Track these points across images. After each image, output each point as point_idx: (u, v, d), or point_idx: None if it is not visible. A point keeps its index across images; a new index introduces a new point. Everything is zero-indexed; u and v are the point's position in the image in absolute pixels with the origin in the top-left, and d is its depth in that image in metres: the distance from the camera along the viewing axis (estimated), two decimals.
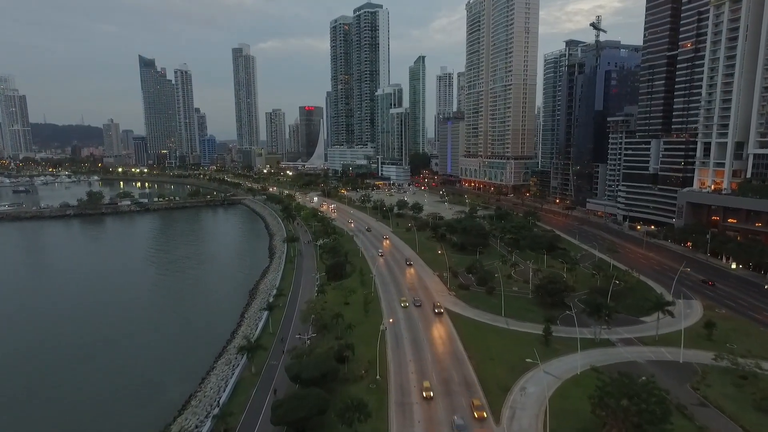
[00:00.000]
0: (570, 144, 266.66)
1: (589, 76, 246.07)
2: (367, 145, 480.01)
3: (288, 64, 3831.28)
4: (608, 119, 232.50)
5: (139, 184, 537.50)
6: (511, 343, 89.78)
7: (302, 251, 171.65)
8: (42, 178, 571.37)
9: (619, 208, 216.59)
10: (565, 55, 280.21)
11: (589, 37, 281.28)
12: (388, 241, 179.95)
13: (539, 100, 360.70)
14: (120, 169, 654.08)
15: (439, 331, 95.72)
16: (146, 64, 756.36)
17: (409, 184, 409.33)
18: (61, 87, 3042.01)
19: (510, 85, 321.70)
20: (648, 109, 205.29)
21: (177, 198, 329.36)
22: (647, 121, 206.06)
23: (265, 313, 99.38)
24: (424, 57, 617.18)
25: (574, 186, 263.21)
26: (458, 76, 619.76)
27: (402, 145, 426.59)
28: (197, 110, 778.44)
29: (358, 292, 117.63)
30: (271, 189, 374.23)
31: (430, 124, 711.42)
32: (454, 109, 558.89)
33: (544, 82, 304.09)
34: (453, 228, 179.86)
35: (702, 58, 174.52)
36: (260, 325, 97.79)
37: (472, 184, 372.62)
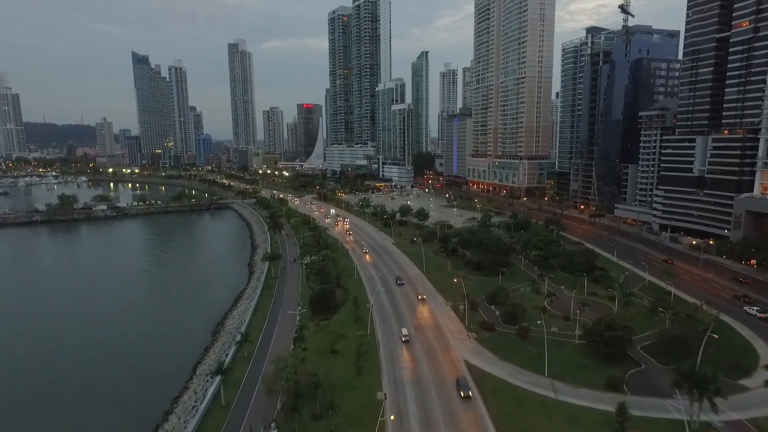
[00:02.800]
0: (593, 142, 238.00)
1: (617, 66, 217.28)
2: (367, 144, 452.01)
3: (290, 65, 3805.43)
4: (640, 114, 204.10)
5: (130, 185, 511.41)
6: (567, 428, 61.81)
7: (287, 269, 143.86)
8: (27, 179, 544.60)
9: (654, 215, 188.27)
10: (587, 43, 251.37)
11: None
12: (426, 310, 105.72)
13: (555, 93, 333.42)
14: (110, 170, 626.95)
15: (463, 405, 67.58)
16: (139, 61, 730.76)
17: (412, 186, 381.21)
18: (62, 87, 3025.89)
19: (523, 77, 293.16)
20: (691, 101, 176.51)
21: (159, 202, 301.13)
22: (690, 115, 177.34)
23: (216, 379, 71.08)
24: (427, 52, 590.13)
25: (598, 189, 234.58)
26: (463, 72, 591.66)
27: (405, 144, 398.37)
28: (193, 108, 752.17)
29: (350, 335, 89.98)
30: (263, 192, 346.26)
31: (433, 123, 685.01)
32: (459, 107, 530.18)
33: (562, 74, 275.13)
34: (466, 241, 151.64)
35: (763, 39, 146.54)
36: (209, 393, 69.70)
37: (481, 187, 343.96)
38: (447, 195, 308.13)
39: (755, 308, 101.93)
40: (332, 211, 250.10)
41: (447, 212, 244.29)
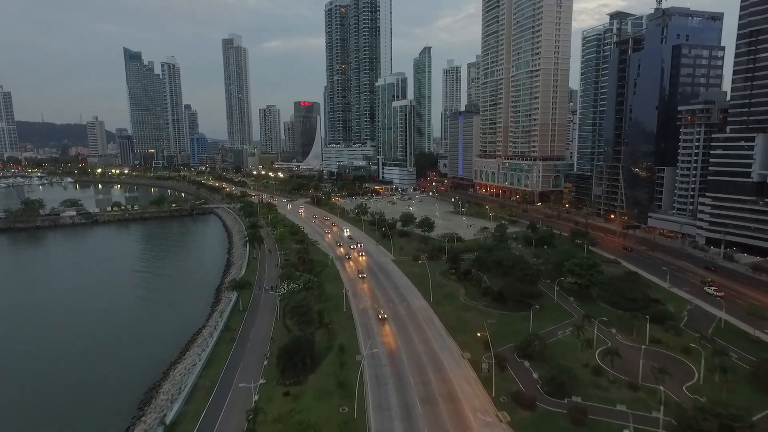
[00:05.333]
0: (620, 141, 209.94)
1: (650, 54, 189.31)
2: (366, 143, 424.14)
3: (292, 64, 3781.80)
4: (679, 108, 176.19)
5: (119, 186, 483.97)
6: None
7: (261, 298, 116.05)
8: (9, 179, 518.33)
9: (699, 227, 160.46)
10: (611, 30, 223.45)
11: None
12: None
13: (573, 87, 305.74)
14: (99, 170, 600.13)
15: None
16: (131, 57, 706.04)
17: (414, 189, 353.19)
18: (64, 86, 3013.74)
19: (537, 70, 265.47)
20: (748, 92, 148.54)
21: (135, 207, 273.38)
22: (747, 110, 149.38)
23: None
24: (429, 48, 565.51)
25: (626, 195, 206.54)
26: (468, 68, 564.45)
27: (406, 144, 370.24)
28: (188, 107, 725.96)
29: (329, 413, 62.72)
30: (252, 194, 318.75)
31: (435, 122, 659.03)
32: (464, 105, 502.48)
33: (583, 65, 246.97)
34: (482, 262, 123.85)
35: None
36: None
37: (490, 190, 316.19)
38: (453, 200, 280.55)
39: None
40: (346, 231, 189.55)
41: (455, 220, 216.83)
